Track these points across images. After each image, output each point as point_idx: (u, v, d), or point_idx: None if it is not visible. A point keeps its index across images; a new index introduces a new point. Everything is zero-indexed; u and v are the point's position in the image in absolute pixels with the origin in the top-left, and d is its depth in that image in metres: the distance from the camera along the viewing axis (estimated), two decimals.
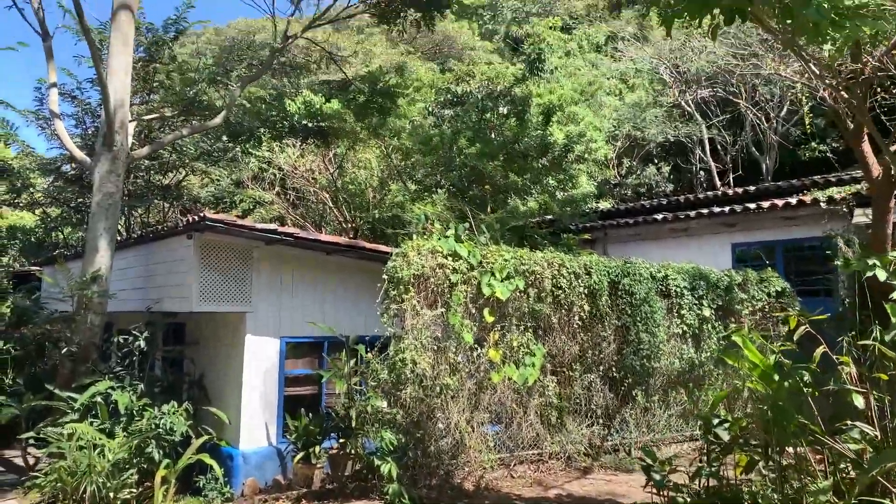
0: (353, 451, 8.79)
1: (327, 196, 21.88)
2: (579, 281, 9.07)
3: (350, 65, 29.65)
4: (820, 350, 7.32)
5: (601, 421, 9.52)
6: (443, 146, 17.09)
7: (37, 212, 20.28)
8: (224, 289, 10.10)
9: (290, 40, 13.86)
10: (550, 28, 29.81)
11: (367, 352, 9.16)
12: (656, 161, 26.64)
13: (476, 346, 8.04)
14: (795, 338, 7.49)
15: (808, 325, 7.50)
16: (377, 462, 7.61)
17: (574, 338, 9.07)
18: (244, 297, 10.30)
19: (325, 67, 34.28)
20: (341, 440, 9.24)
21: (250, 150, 19.33)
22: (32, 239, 19.24)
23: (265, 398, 10.45)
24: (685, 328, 10.37)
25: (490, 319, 8.11)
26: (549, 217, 16.93)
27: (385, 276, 7.90)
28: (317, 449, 9.31)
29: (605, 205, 21.09)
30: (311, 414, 9.96)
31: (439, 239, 8.21)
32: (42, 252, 18.69)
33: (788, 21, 5.27)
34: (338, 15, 14.44)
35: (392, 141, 18.92)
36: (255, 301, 10.45)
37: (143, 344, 10.15)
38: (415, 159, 18.81)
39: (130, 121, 11.53)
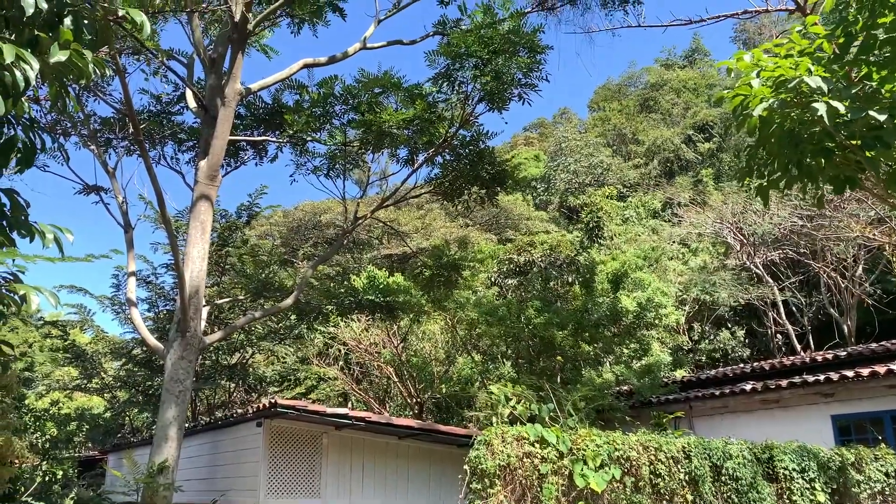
0: None
1: (391, 370, 21.53)
2: (679, 466, 8.23)
3: (411, 239, 30.47)
4: None
5: None
6: (510, 316, 16.80)
7: (105, 395, 20.40)
8: (293, 479, 9.55)
9: (361, 221, 14.19)
10: (607, 197, 30.42)
11: None
12: (729, 325, 25.69)
13: None
14: None
15: None
16: None
17: None
18: (314, 489, 9.71)
19: (386, 242, 35.44)
20: None
21: (316, 326, 19.38)
22: (100, 422, 19.17)
23: None
24: None
25: None
26: (626, 389, 16.12)
27: (467, 468, 7.26)
28: None
29: (680, 373, 20.13)
30: None
31: (523, 424, 7.63)
32: (108, 438, 18.53)
33: None
34: (404, 196, 14.86)
35: (457, 312, 18.76)
36: (324, 492, 9.83)
37: None
38: (480, 330, 18.50)
39: (203, 305, 11.63)
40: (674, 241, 28.91)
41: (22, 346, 25.54)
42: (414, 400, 20.80)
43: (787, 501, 9.21)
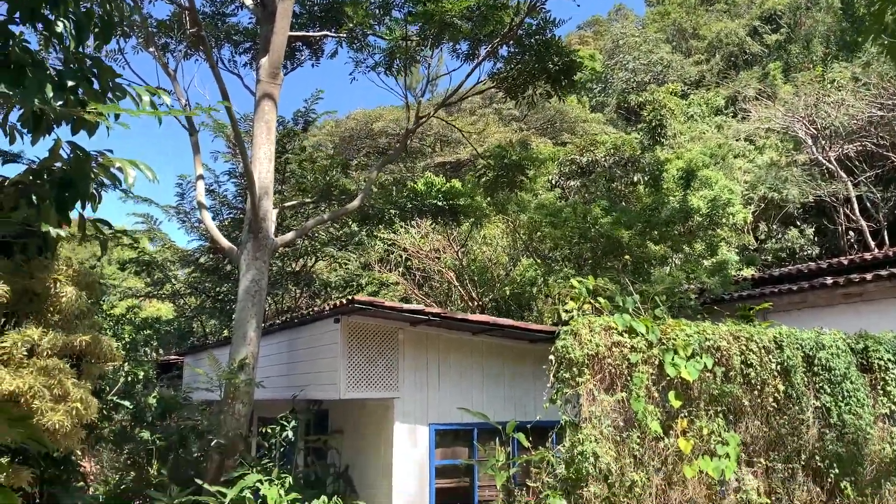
0: None
1: (452, 275, 21.53)
2: (770, 357, 7.98)
3: (465, 145, 29.87)
4: None
5: None
6: (575, 217, 16.40)
7: (176, 302, 20.98)
8: (371, 374, 9.63)
9: (424, 120, 13.81)
10: (671, 94, 29.11)
11: (528, 440, 8.39)
12: (798, 223, 24.78)
13: (662, 436, 7.06)
14: None
15: None
16: None
17: (768, 422, 7.91)
18: (392, 383, 9.79)
19: (439, 150, 34.88)
20: None
21: (377, 233, 19.37)
22: (172, 329, 19.78)
23: (416, 491, 9.76)
24: (893, 407, 8.94)
25: (677, 404, 7.13)
26: (694, 287, 15.73)
27: (552, 357, 7.13)
28: None
29: (748, 271, 19.59)
30: None
31: (610, 314, 7.43)
32: (182, 343, 19.14)
33: None
34: (467, 92, 14.31)
35: (518, 216, 18.43)
36: (402, 386, 9.92)
37: (290, 434, 9.78)
38: (543, 232, 18.17)
39: (272, 208, 11.55)
40: (739, 138, 27.69)
41: (91, 259, 26.28)
42: (475, 303, 20.85)
43: (881, 392, 8.92)
